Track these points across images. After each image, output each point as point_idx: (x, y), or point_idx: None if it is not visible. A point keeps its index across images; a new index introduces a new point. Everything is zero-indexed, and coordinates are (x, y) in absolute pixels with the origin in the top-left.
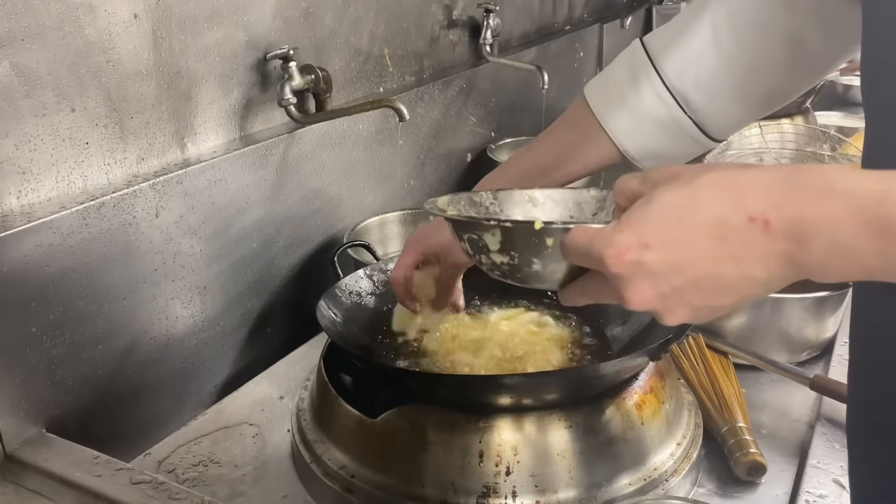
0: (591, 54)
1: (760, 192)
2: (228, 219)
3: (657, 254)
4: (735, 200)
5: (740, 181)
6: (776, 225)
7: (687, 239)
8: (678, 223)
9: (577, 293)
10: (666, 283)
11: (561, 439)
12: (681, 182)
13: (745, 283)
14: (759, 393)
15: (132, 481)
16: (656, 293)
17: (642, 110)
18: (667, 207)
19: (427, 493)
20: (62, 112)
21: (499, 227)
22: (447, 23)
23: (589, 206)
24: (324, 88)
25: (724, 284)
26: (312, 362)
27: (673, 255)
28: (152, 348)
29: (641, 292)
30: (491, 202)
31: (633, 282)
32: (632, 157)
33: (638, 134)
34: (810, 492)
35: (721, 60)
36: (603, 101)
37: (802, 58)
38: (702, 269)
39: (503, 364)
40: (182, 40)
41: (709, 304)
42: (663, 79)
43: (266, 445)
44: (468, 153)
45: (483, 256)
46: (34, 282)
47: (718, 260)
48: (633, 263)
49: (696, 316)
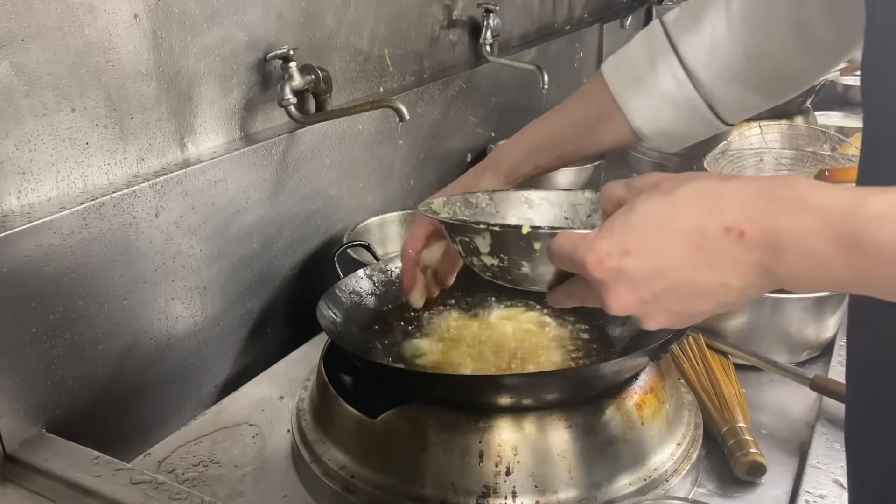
0: (591, 54)
1: (737, 203)
2: (228, 219)
3: (637, 261)
4: (713, 211)
5: (719, 192)
6: (751, 235)
7: (666, 246)
8: (658, 231)
9: (563, 296)
10: (646, 289)
11: (561, 439)
12: (662, 191)
13: (722, 290)
14: (759, 393)
15: (132, 481)
16: (636, 299)
17: (658, 89)
18: (648, 215)
19: (427, 493)
20: (62, 112)
21: (488, 231)
22: (447, 23)
23: (584, 208)
24: (324, 88)
25: (701, 291)
26: (312, 362)
27: (652, 263)
28: (152, 348)
29: (622, 297)
30: (487, 203)
31: (614, 287)
32: (644, 136)
33: (652, 112)
34: (810, 492)
35: (732, 43)
36: (620, 78)
37: (809, 45)
38: (680, 276)
39: (503, 364)
40: (182, 40)
41: (687, 311)
42: (680, 58)
43: (266, 445)
44: (468, 153)
45: (474, 258)
46: (34, 282)
47: (696, 268)
48: (614, 270)
49: (675, 321)
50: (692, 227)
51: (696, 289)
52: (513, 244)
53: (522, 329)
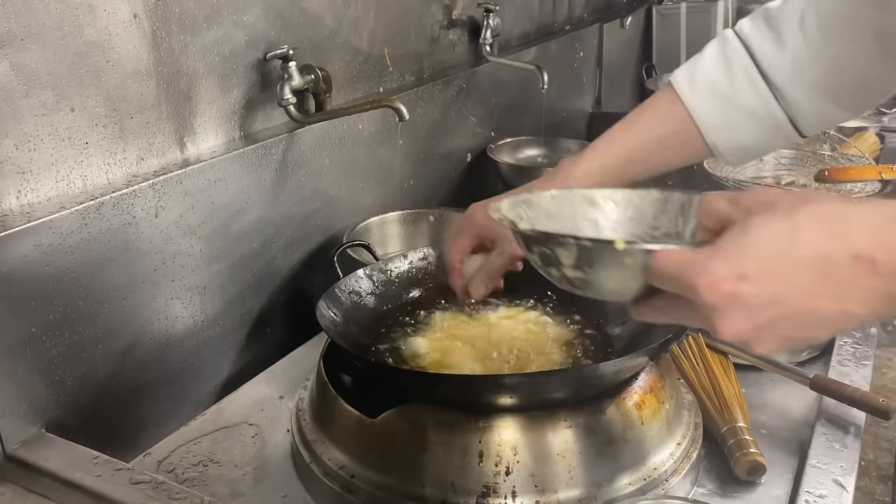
0: (591, 54)
1: (866, 229)
2: (228, 219)
3: (755, 286)
4: (839, 236)
5: (844, 217)
6: (883, 264)
7: (786, 273)
8: (778, 256)
9: (654, 312)
10: (761, 315)
11: (561, 439)
12: (780, 213)
13: (842, 318)
14: (759, 393)
15: (132, 481)
16: (750, 325)
17: (738, 103)
18: (765, 239)
19: (427, 493)
20: (62, 112)
21: (575, 245)
22: (447, 23)
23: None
24: (324, 88)
25: (820, 319)
26: (312, 362)
27: (771, 289)
28: (152, 348)
29: (734, 324)
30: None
31: (727, 313)
32: (719, 152)
33: (729, 127)
34: (810, 492)
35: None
36: (695, 92)
37: (892, 51)
38: (800, 304)
39: (503, 364)
40: (182, 40)
41: (801, 337)
42: (762, 73)
43: (266, 445)
44: (468, 153)
45: (553, 269)
46: (34, 282)
47: (818, 296)
48: (729, 295)
49: (786, 345)
50: (816, 253)
51: (815, 317)
52: (602, 259)
53: (522, 329)
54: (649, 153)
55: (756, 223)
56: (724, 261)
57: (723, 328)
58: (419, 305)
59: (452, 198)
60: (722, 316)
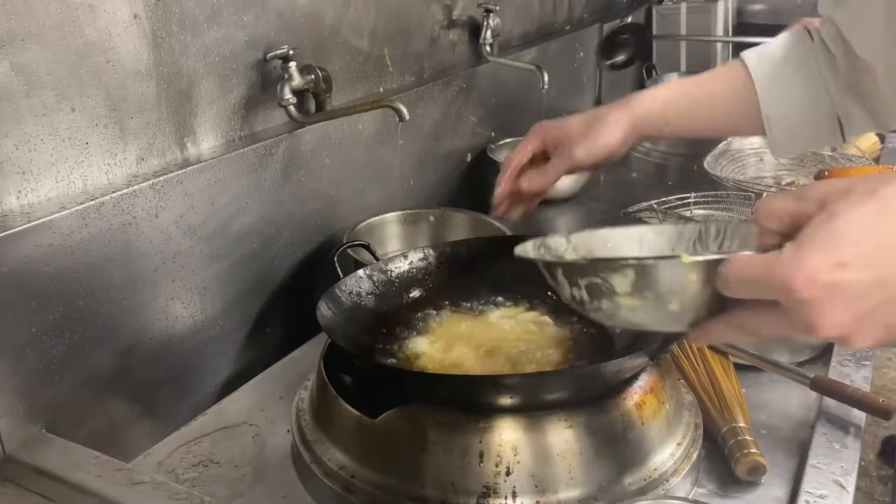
0: (591, 54)
1: None
2: (228, 219)
3: (856, 272)
4: None
5: None
6: None
7: (886, 253)
8: (875, 237)
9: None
10: (865, 303)
11: (561, 439)
12: (863, 194)
13: None
14: (759, 393)
15: (132, 481)
16: (852, 316)
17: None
18: (857, 221)
19: (427, 493)
20: (62, 112)
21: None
22: (447, 23)
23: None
24: (324, 88)
25: None
26: (312, 362)
27: (872, 272)
28: (152, 348)
29: (835, 317)
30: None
31: (827, 306)
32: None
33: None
34: (810, 492)
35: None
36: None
37: None
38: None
39: (503, 364)
40: (182, 40)
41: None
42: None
43: (266, 445)
44: (468, 153)
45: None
46: (34, 282)
47: None
48: (829, 285)
49: (887, 337)
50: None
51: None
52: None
53: (522, 329)
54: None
55: (842, 209)
56: (817, 251)
57: (823, 323)
58: (419, 305)
59: (452, 198)
60: (822, 311)
